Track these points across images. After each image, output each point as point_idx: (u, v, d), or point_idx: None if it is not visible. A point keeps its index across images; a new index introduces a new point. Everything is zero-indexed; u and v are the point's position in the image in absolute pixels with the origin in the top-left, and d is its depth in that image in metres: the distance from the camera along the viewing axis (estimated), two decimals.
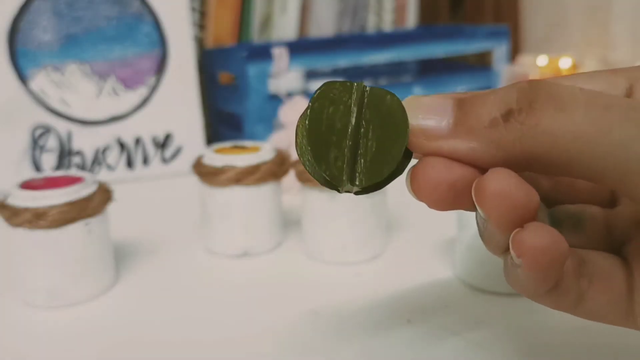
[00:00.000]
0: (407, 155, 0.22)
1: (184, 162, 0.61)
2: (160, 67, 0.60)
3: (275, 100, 0.59)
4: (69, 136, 0.58)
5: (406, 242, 0.42)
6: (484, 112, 0.19)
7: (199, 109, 0.62)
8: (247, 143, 0.43)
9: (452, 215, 0.37)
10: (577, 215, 0.24)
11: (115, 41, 0.59)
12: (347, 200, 0.38)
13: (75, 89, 0.58)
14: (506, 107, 0.19)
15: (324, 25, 0.78)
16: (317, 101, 0.21)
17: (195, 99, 0.61)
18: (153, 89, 0.60)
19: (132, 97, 0.60)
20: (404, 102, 0.21)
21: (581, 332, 0.30)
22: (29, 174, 0.56)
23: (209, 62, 0.70)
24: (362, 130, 0.21)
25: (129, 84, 0.60)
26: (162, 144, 0.61)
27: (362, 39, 0.68)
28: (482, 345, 0.29)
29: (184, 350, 0.30)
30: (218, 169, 0.39)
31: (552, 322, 0.31)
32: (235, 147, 0.42)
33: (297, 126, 0.22)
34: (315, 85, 0.67)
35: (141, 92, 0.60)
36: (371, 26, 0.81)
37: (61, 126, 0.58)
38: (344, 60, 0.63)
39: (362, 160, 0.21)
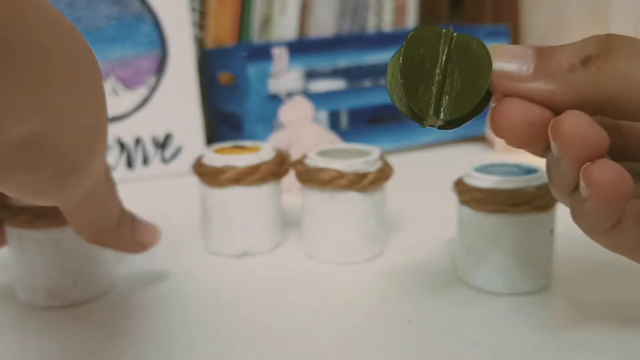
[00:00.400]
0: (488, 95, 0.24)
1: (184, 162, 0.61)
2: (160, 67, 0.60)
3: (275, 100, 0.59)
4: None
5: (406, 242, 0.42)
6: (564, 58, 0.22)
7: (198, 109, 0.62)
8: (247, 143, 0.43)
9: (452, 215, 0.37)
10: (638, 170, 0.26)
11: (115, 41, 0.59)
12: (347, 200, 0.38)
13: None
14: (585, 54, 0.21)
15: (324, 25, 0.78)
16: (411, 42, 0.24)
17: (195, 99, 0.61)
18: (153, 89, 0.60)
19: (132, 97, 0.60)
20: (488, 48, 0.24)
21: (581, 332, 0.30)
22: None
23: (209, 62, 0.70)
24: (449, 70, 0.24)
25: (129, 84, 0.60)
26: (162, 144, 0.61)
27: (362, 39, 0.68)
28: (482, 345, 0.29)
29: (183, 349, 0.30)
30: (218, 169, 0.39)
31: (552, 322, 0.31)
32: (235, 147, 0.42)
33: (389, 66, 0.25)
34: (315, 85, 0.67)
35: (141, 92, 0.60)
36: (371, 26, 0.81)
37: None
38: (344, 61, 0.63)
39: (447, 97, 0.24)
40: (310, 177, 0.38)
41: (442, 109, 0.24)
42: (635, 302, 0.33)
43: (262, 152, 0.40)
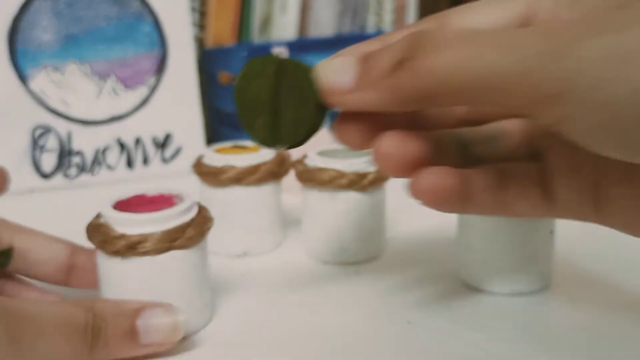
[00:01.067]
0: (322, 112, 0.25)
1: (184, 162, 0.61)
2: (161, 67, 0.60)
3: None
4: (69, 136, 0.58)
5: (406, 242, 0.42)
6: (382, 64, 0.22)
7: (199, 109, 0.62)
8: (248, 143, 0.43)
9: (452, 215, 0.37)
10: (490, 134, 0.27)
11: (115, 41, 0.59)
12: (347, 200, 0.38)
13: (75, 89, 0.58)
14: (398, 56, 0.21)
15: (324, 25, 0.78)
16: (242, 78, 0.25)
17: (195, 99, 0.61)
18: (153, 89, 0.60)
19: (132, 97, 0.60)
20: (316, 66, 0.24)
21: (581, 332, 0.30)
22: (29, 174, 0.56)
23: (209, 62, 0.70)
24: (282, 97, 0.25)
25: (129, 84, 0.60)
26: (162, 144, 0.61)
27: (362, 39, 0.68)
28: (482, 346, 0.29)
29: (182, 348, 0.30)
30: (218, 169, 0.39)
31: (552, 322, 0.31)
32: (236, 147, 0.42)
33: (235, 99, 0.26)
34: None
35: (141, 92, 0.60)
36: (371, 26, 0.81)
37: (61, 126, 0.58)
38: None
39: (283, 126, 0.25)
40: (310, 177, 0.38)
41: (280, 137, 0.25)
42: (634, 302, 0.33)
43: (262, 152, 0.40)
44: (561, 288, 0.34)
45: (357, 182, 0.37)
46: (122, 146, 0.60)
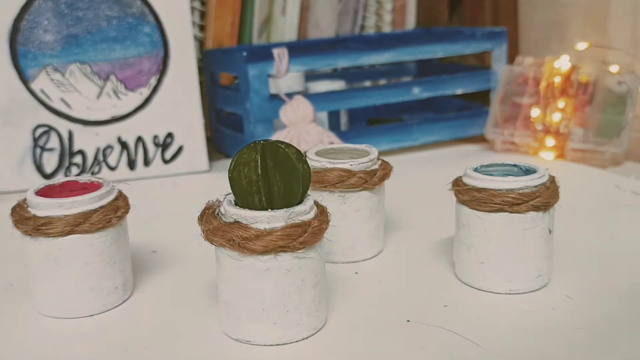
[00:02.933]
0: (306, 177, 0.29)
1: (185, 161, 0.61)
2: (162, 67, 0.61)
3: (276, 100, 0.60)
4: (70, 136, 0.58)
5: (405, 241, 0.42)
6: None
7: (199, 109, 0.62)
8: None
9: (452, 215, 0.37)
10: None
11: (116, 42, 0.59)
12: (357, 199, 0.38)
13: (76, 89, 0.58)
14: None
15: (323, 26, 0.78)
16: (235, 168, 0.29)
17: (196, 99, 0.62)
18: (154, 90, 0.60)
19: (133, 98, 0.60)
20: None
21: (580, 331, 0.30)
22: (30, 173, 0.57)
23: (210, 62, 0.70)
24: (269, 175, 0.29)
25: (130, 84, 0.60)
26: (163, 144, 0.61)
27: (362, 40, 0.68)
28: (481, 344, 0.29)
29: (185, 347, 0.30)
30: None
31: (551, 322, 0.31)
32: None
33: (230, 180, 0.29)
34: (315, 86, 0.67)
35: (142, 92, 0.60)
36: (371, 27, 0.82)
37: (62, 126, 0.58)
38: (343, 61, 0.63)
39: (276, 197, 0.29)
40: (318, 179, 0.38)
41: (277, 207, 0.29)
42: (633, 301, 0.33)
43: None
44: (560, 287, 0.35)
45: (367, 181, 0.37)
46: (123, 146, 0.60)
